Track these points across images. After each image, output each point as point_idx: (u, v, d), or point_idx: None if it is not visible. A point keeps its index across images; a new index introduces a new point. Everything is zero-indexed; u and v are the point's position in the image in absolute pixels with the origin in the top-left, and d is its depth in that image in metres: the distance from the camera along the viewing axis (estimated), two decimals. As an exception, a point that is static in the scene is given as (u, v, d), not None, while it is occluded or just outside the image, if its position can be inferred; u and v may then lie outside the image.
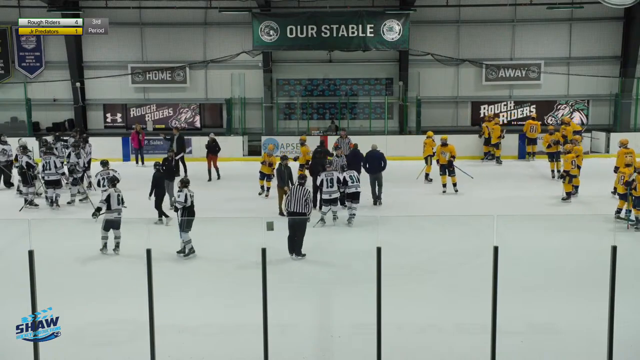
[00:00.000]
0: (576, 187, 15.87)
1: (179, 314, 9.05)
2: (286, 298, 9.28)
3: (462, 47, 24.15)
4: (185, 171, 18.94)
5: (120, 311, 9.18)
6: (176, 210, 12.08)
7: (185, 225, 11.63)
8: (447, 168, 16.62)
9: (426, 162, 18.19)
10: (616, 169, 15.11)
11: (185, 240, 11.69)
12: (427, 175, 18.04)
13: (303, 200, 11.84)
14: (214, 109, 25.05)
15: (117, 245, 11.98)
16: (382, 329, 7.15)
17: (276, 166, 15.53)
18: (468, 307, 9.14)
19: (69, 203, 15.91)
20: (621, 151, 15.38)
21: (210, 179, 18.71)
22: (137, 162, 21.38)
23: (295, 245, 11.48)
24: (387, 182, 16.04)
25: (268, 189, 16.43)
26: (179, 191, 11.95)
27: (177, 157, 18.81)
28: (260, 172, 16.52)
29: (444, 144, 16.65)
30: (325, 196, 13.86)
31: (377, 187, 15.75)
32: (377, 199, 15.75)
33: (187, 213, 11.80)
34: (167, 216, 13.95)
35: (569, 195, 15.63)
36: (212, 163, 18.91)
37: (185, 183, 12.03)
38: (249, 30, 22.83)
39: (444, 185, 16.67)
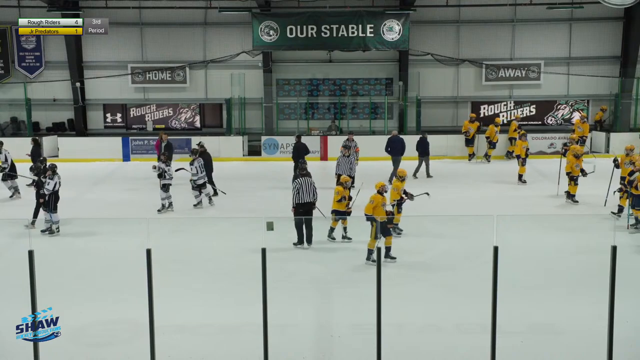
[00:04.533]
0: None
1: (179, 314, 9.04)
2: (286, 298, 9.27)
3: (462, 47, 24.16)
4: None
5: (120, 311, 9.16)
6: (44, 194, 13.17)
7: (53, 208, 12.99)
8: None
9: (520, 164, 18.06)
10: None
11: (51, 220, 12.96)
12: (520, 176, 17.88)
13: (312, 189, 12.42)
14: (214, 109, 25.06)
15: None
16: (382, 329, 7.13)
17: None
18: (468, 307, 9.13)
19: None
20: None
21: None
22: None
23: (306, 234, 12.14)
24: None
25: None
26: (49, 178, 13.02)
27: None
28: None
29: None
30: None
31: (397, 167, 17.34)
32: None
33: (54, 197, 13.05)
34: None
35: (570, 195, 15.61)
36: None
37: (53, 169, 13.11)
38: (249, 30, 22.85)
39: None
